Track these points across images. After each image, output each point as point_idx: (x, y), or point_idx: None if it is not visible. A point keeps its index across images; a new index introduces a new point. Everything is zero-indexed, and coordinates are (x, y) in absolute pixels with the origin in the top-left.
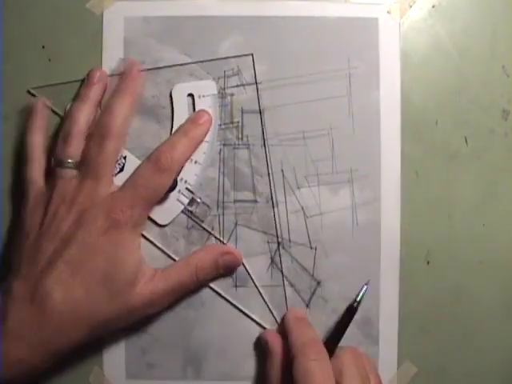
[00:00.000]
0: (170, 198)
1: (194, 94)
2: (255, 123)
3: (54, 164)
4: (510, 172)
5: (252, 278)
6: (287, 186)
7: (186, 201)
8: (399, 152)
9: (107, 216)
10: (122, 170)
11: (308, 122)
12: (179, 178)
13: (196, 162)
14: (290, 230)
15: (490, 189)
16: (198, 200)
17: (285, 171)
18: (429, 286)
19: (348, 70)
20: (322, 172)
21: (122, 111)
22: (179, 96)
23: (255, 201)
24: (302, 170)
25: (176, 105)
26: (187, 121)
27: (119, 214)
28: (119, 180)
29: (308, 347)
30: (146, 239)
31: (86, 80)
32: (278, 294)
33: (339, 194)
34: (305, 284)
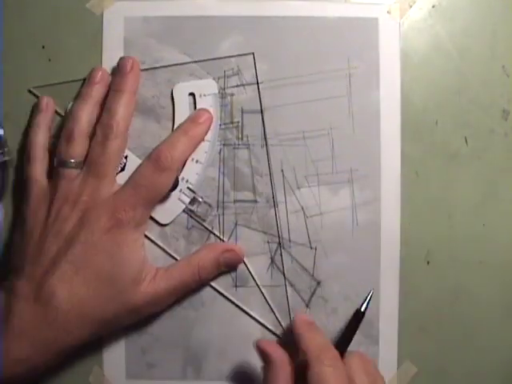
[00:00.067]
0: (171, 198)
1: (195, 93)
2: (255, 123)
3: (57, 164)
4: (510, 172)
5: (254, 277)
6: (287, 185)
7: (187, 200)
8: (399, 152)
9: (110, 215)
10: (123, 169)
11: (308, 122)
12: (180, 178)
13: (197, 161)
14: (290, 230)
15: (490, 189)
16: (200, 199)
17: (285, 171)
18: (429, 286)
19: (348, 70)
20: (322, 172)
21: (121, 109)
22: (180, 95)
23: (255, 201)
24: (302, 170)
25: (177, 104)
26: (187, 120)
27: (122, 214)
28: (120, 179)
29: (323, 353)
30: (146, 239)
31: (87, 79)
32: (278, 294)
33: (339, 193)
34: (305, 284)
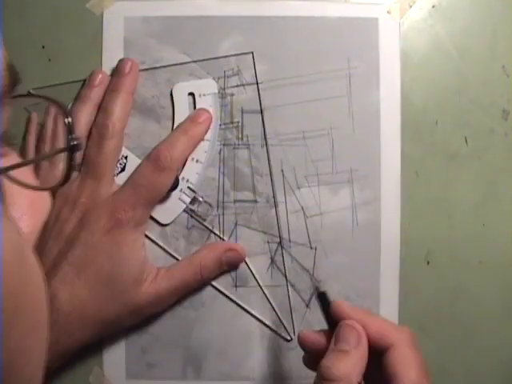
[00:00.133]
0: (171, 197)
1: (195, 92)
2: (255, 123)
3: None
4: (510, 172)
5: (255, 277)
6: (287, 186)
7: (187, 200)
8: (399, 152)
9: (110, 216)
10: (123, 169)
11: (308, 122)
12: (181, 177)
13: (197, 161)
14: (290, 230)
15: (490, 189)
16: (200, 199)
17: (285, 171)
18: (429, 286)
19: (348, 70)
20: (322, 172)
21: (117, 109)
22: (180, 95)
23: (255, 201)
24: (302, 170)
25: (177, 104)
26: (187, 119)
27: (122, 214)
28: (121, 180)
29: (399, 333)
30: (147, 238)
31: (87, 81)
32: (278, 293)
33: (339, 193)
34: (305, 284)
